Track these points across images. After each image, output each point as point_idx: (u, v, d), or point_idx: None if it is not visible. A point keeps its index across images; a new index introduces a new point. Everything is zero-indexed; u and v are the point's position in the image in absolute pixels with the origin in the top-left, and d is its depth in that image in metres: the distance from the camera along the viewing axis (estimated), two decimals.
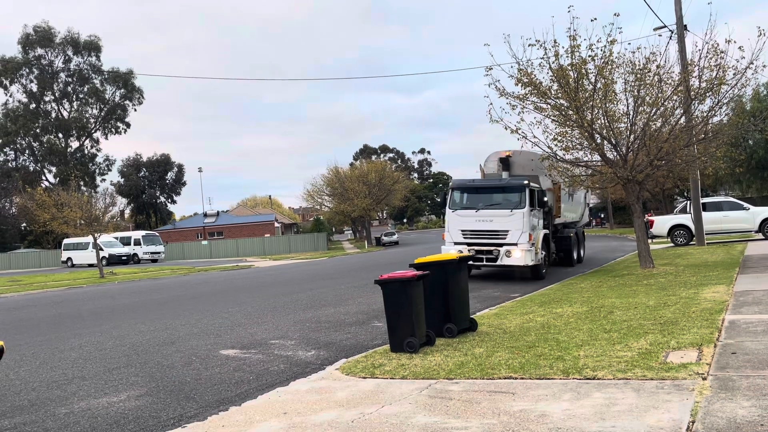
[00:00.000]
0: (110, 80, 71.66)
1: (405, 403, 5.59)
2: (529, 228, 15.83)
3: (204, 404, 6.26)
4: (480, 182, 17.69)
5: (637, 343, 7.13)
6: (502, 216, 16.05)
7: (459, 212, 16.83)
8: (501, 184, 17.00)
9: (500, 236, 16.04)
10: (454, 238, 16.72)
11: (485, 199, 16.83)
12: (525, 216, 15.84)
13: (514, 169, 18.14)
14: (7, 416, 6.15)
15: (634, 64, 14.33)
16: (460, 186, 17.53)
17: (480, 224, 16.34)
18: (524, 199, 15.99)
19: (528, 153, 17.56)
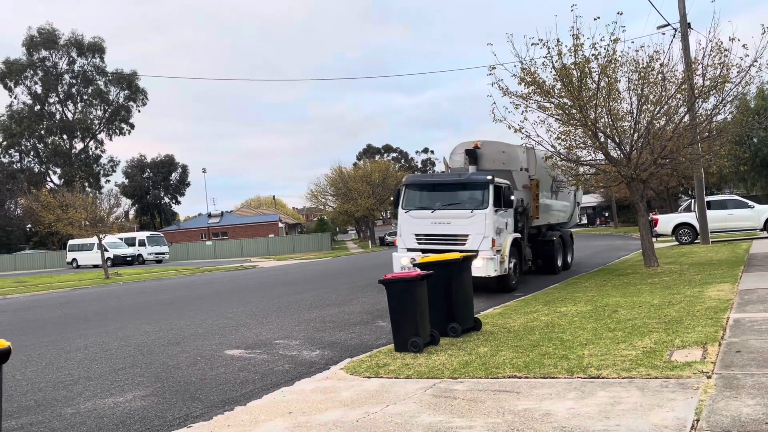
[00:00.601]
0: (114, 81, 71.85)
1: (409, 402, 5.60)
2: (492, 232, 13.57)
3: (209, 404, 6.29)
4: (437, 178, 15.68)
5: (641, 341, 7.13)
6: (461, 218, 13.83)
7: (413, 213, 14.48)
8: (461, 180, 14.60)
9: (459, 241, 13.61)
10: (406, 243, 14.47)
11: (443, 198, 14.54)
12: (488, 218, 13.56)
13: (482, 162, 15.69)
14: (14, 416, 6.18)
15: (638, 62, 14.30)
16: (414, 182, 15.26)
17: (436, 227, 14.10)
18: (487, 198, 13.70)
19: (499, 144, 15.93)
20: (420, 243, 14.27)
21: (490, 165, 15.58)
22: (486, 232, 13.52)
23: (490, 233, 13.53)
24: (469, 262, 9.46)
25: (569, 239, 19.92)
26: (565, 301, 11.14)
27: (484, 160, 15.74)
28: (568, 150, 15.31)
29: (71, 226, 31.20)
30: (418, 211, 14.46)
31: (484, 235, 13.51)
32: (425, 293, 8.02)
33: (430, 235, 14.16)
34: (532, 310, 10.45)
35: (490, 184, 13.83)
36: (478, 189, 13.99)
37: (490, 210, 13.62)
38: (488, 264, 13.46)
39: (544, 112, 14.77)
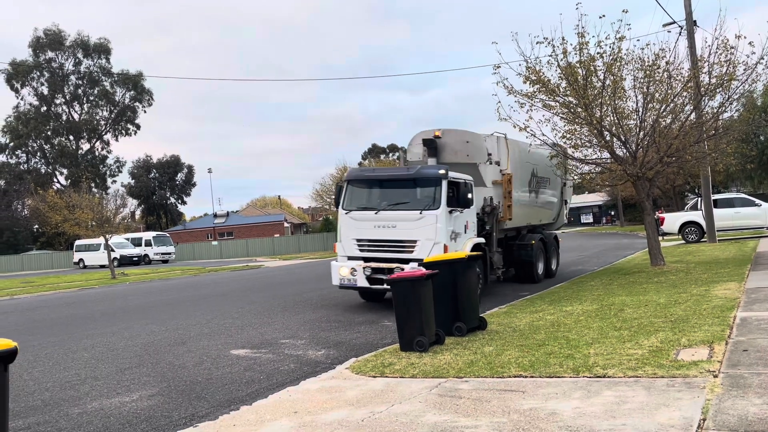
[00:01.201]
0: (120, 82, 72.07)
1: (415, 401, 5.60)
2: (445, 237, 11.41)
3: (215, 404, 6.31)
4: (383, 172, 13.13)
5: (647, 340, 7.11)
6: (408, 220, 11.62)
7: (354, 214, 12.23)
8: (409, 174, 12.29)
9: (405, 249, 11.59)
10: (347, 249, 12.26)
11: (389, 196, 12.36)
12: (439, 220, 11.40)
13: (444, 154, 13.69)
14: (21, 416, 6.22)
15: (643, 60, 14.24)
16: (357, 177, 12.99)
17: (380, 231, 11.83)
18: (440, 196, 11.55)
19: (463, 133, 13.91)
20: (362, 250, 12.03)
21: (452, 157, 13.60)
22: (437, 238, 11.33)
23: (442, 238, 11.34)
24: (475, 261, 9.45)
25: (553, 242, 17.50)
26: (570, 300, 11.12)
27: (446, 151, 13.74)
28: (574, 149, 15.23)
29: (78, 227, 31.33)
30: (360, 212, 12.23)
31: (435, 240, 11.32)
32: (430, 292, 8.03)
33: (374, 241, 11.92)
34: (538, 309, 10.43)
35: (443, 180, 11.67)
36: (429, 185, 11.85)
37: (442, 211, 11.46)
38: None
39: (550, 110, 14.73)
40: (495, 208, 13.63)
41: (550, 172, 16.65)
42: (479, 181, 13.41)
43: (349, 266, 12.05)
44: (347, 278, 12.04)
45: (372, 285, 11.91)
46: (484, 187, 13.63)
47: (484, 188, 13.63)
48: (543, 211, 17.12)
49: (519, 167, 14.65)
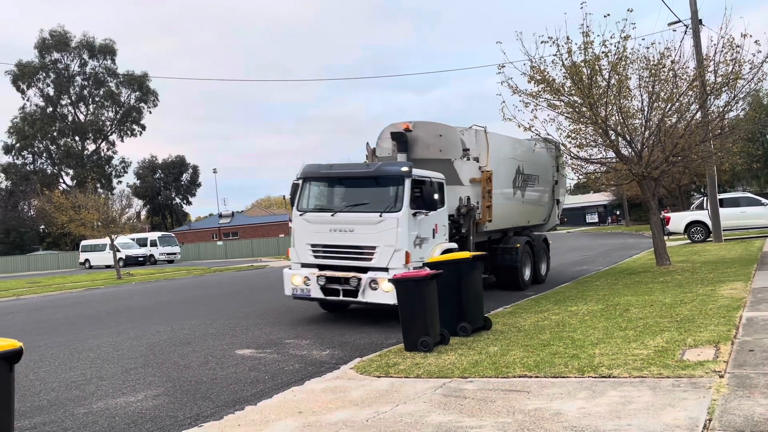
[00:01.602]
0: (125, 83, 72.27)
1: (419, 401, 5.60)
2: (407, 243, 10.10)
3: (220, 403, 6.32)
4: (339, 169, 11.36)
5: (653, 340, 7.09)
6: (366, 223, 10.34)
7: (309, 216, 10.97)
8: (369, 172, 11.00)
9: (363, 256, 10.34)
10: (301, 255, 10.99)
11: (347, 196, 11.23)
12: (401, 223, 10.10)
13: (415, 149, 12.49)
14: (27, 416, 6.24)
15: (649, 59, 14.20)
16: (312, 175, 11.41)
17: (336, 236, 10.59)
18: (402, 197, 10.28)
19: (436, 126, 12.72)
20: (317, 256, 10.80)
21: (424, 152, 12.47)
22: (398, 244, 10.06)
23: (404, 245, 10.07)
24: (480, 261, 9.40)
25: (542, 245, 16.11)
26: (576, 300, 11.09)
27: (418, 146, 12.56)
28: (579, 148, 15.17)
29: (84, 227, 31.41)
30: (316, 213, 10.97)
31: (396, 247, 10.05)
32: (435, 292, 8.02)
33: (329, 247, 10.68)
34: (543, 309, 10.41)
35: (405, 178, 10.38)
36: (391, 184, 10.59)
37: (404, 213, 10.16)
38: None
39: (554, 110, 14.70)
40: (472, 209, 12.41)
41: (539, 169, 15.80)
42: (454, 179, 12.35)
43: (302, 274, 10.80)
44: (300, 288, 10.86)
45: (327, 296, 10.64)
46: (461, 185, 12.49)
47: (461, 187, 12.49)
48: (531, 212, 15.89)
49: (501, 164, 13.57)
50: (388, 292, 9.78)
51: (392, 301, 9.28)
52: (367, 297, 10.18)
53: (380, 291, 10.02)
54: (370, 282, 10.10)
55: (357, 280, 10.19)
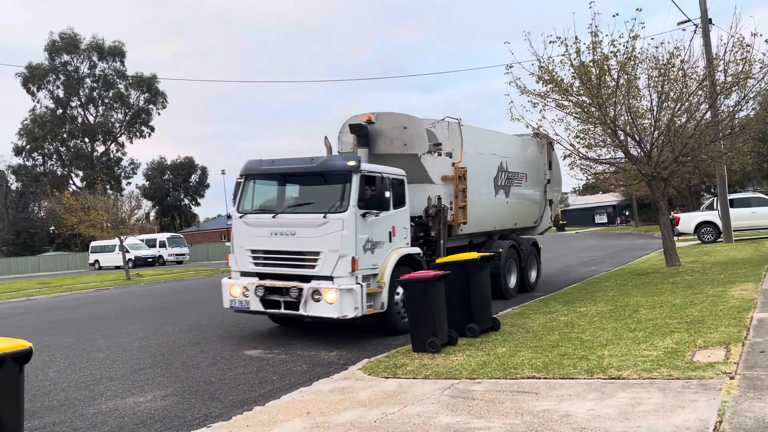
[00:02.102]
0: (134, 85, 72.62)
1: (427, 403, 5.59)
2: (354, 247, 8.94)
3: (228, 404, 6.34)
4: (281, 164, 10.07)
5: (662, 342, 7.04)
6: (309, 226, 9.19)
7: (249, 218, 9.87)
8: (311, 167, 9.65)
9: (306, 263, 9.20)
10: (240, 263, 9.89)
11: (291, 195, 10.31)
12: (346, 225, 8.94)
13: (378, 143, 11.35)
14: (37, 416, 6.28)
15: (658, 59, 14.12)
16: (252, 171, 10.28)
17: (277, 240, 9.45)
18: (349, 195, 9.10)
19: (400, 117, 11.48)
20: (257, 264, 9.68)
21: (387, 147, 11.32)
22: (342, 249, 8.89)
23: (350, 250, 8.90)
24: (488, 261, 9.36)
25: (531, 250, 14.66)
26: (584, 301, 11.04)
27: (381, 140, 11.36)
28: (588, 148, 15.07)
29: (93, 228, 31.58)
30: (256, 215, 9.88)
31: (341, 252, 8.88)
32: (443, 293, 8.01)
33: (270, 253, 9.55)
34: (552, 310, 10.37)
35: (353, 173, 9.20)
36: (337, 181, 9.38)
37: (350, 214, 8.98)
38: (345, 299, 8.72)
39: (563, 110, 14.65)
40: (441, 210, 11.17)
41: (528, 166, 14.75)
42: (423, 176, 11.29)
43: (241, 284, 9.66)
44: (239, 300, 9.70)
45: (267, 309, 9.47)
46: (431, 183, 11.41)
47: (431, 185, 11.41)
48: (518, 213, 14.58)
49: (478, 159, 12.28)
50: (332, 303, 8.73)
51: (336, 314, 8.72)
52: (309, 309, 8.96)
53: (323, 303, 8.81)
54: (312, 292, 8.89)
55: (297, 290, 8.99)
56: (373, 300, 9.21)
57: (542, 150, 15.55)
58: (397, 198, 10.03)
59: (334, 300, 8.73)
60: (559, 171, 16.40)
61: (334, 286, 8.79)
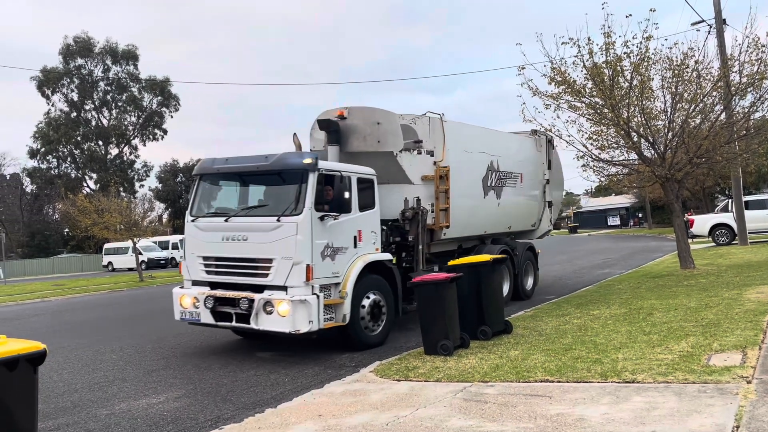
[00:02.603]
0: (147, 88, 73.15)
1: (440, 406, 5.56)
2: (308, 254, 8.15)
3: (240, 406, 6.34)
4: (234, 163, 9.25)
5: (678, 345, 6.97)
6: (262, 230, 8.44)
7: (201, 222, 9.15)
8: (265, 165, 8.79)
9: (258, 271, 8.45)
10: (192, 271, 9.17)
11: (245, 197, 9.54)
12: (301, 229, 8.15)
13: (351, 140, 10.45)
14: (50, 417, 6.32)
15: (672, 60, 14.01)
16: (205, 171, 9.55)
17: (229, 246, 8.72)
18: (305, 196, 8.30)
19: (373, 112, 10.51)
20: (209, 272, 8.96)
21: (360, 144, 10.44)
22: (297, 255, 8.09)
23: (304, 256, 8.10)
24: (501, 264, 9.29)
25: (527, 255, 13.73)
26: (598, 304, 10.96)
27: (354, 137, 10.46)
28: (601, 150, 14.97)
29: (107, 230, 31.82)
30: (209, 219, 9.13)
31: (294, 260, 8.09)
32: (455, 295, 7.98)
33: (221, 260, 8.82)
34: (565, 312, 10.30)
35: (309, 172, 8.39)
36: (293, 180, 8.61)
37: (305, 216, 8.19)
38: (298, 311, 7.94)
39: (575, 111, 14.58)
40: (419, 213, 10.27)
41: (523, 165, 13.73)
42: (400, 176, 10.44)
43: (192, 294, 8.94)
44: (189, 311, 9.00)
45: (218, 321, 8.68)
46: (409, 184, 10.53)
47: (410, 186, 10.54)
48: (512, 216, 13.50)
49: (464, 158, 11.44)
50: (285, 316, 7.94)
51: (289, 328, 7.95)
52: (261, 323, 8.16)
53: (276, 315, 8.01)
54: (264, 304, 8.11)
55: (248, 301, 8.22)
56: (334, 312, 8.42)
57: (540, 148, 14.60)
58: (364, 199, 9.25)
59: (287, 312, 7.96)
60: (560, 170, 15.54)
61: (287, 297, 7.99)
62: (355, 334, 8.77)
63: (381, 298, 9.20)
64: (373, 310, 9.03)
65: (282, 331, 8.09)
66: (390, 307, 9.35)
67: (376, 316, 9.11)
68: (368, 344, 8.91)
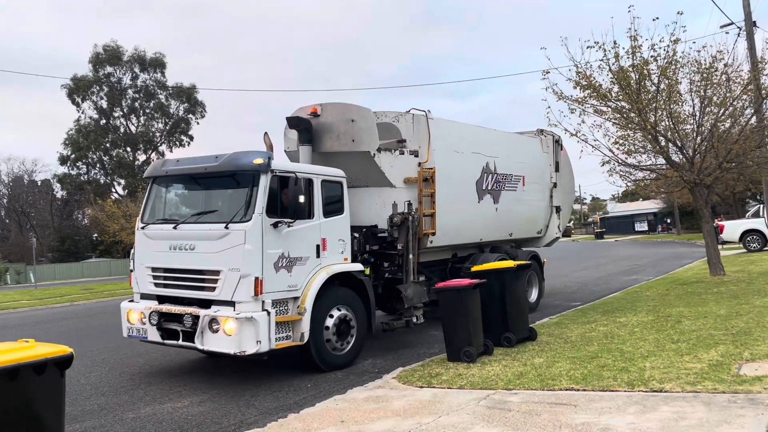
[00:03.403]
0: (174, 95, 74.23)
1: (462, 413, 5.51)
2: (258, 265, 7.29)
3: (263, 411, 6.37)
4: (184, 165, 8.41)
5: (707, 354, 6.82)
6: (209, 239, 7.60)
7: (150, 230, 8.42)
8: (213, 167, 7.94)
9: (205, 284, 7.60)
10: (141, 283, 8.43)
11: (196, 201, 8.70)
12: (250, 237, 7.32)
13: (324, 139, 9.59)
14: (78, 420, 6.41)
15: (700, 63, 13.80)
16: (155, 174, 8.80)
17: (175, 256, 7.92)
18: (256, 200, 7.49)
19: (347, 109, 9.64)
20: (157, 284, 8.18)
21: (334, 144, 9.56)
22: (244, 267, 7.26)
23: (252, 268, 7.26)
24: (525, 270, 9.20)
25: (533, 266, 12.39)
26: (625, 311, 10.79)
27: (328, 136, 9.58)
28: (627, 154, 14.76)
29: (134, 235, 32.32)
30: (158, 226, 8.36)
31: (242, 272, 7.25)
32: (478, 302, 7.93)
33: (169, 272, 8.03)
34: (590, 319, 10.16)
35: (261, 174, 7.58)
36: (244, 183, 7.79)
37: (254, 223, 7.37)
38: (243, 330, 7.10)
39: (601, 116, 14.42)
40: (408, 219, 9.38)
41: (525, 167, 12.68)
42: (378, 179, 9.65)
43: (139, 309, 8.21)
44: (136, 327, 8.26)
45: (165, 339, 7.87)
46: (390, 187, 9.73)
47: (391, 189, 9.73)
48: (513, 222, 12.46)
49: (454, 159, 10.58)
50: (231, 336, 7.11)
51: (234, 349, 7.10)
52: (207, 342, 7.32)
53: (221, 334, 7.19)
54: (209, 321, 7.30)
55: (192, 318, 7.44)
56: (291, 329, 7.59)
57: (547, 149, 13.68)
58: (330, 204, 8.39)
59: (233, 331, 7.13)
60: (569, 173, 14.60)
61: (233, 314, 7.16)
62: (317, 354, 7.85)
63: (350, 313, 8.32)
64: (340, 327, 8.14)
65: (227, 352, 7.21)
66: (361, 324, 8.46)
67: (344, 333, 8.20)
68: (333, 365, 8.02)
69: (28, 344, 4.27)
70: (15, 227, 71.13)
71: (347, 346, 8.28)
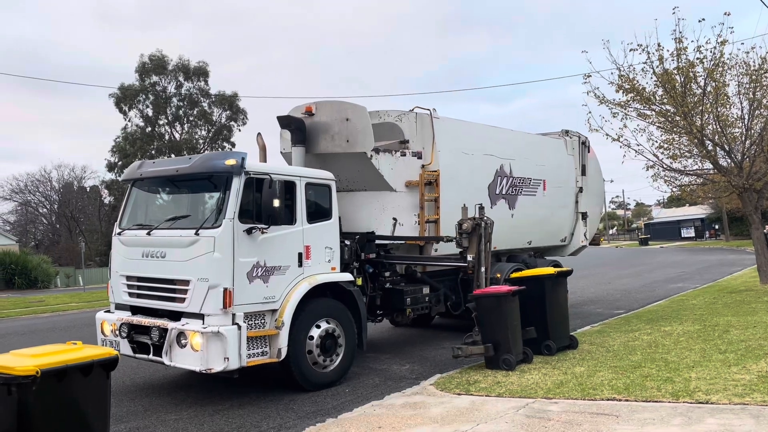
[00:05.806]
0: (217, 103, 75.74)
1: (501, 422, 5.45)
2: (229, 275, 6.76)
3: (302, 415, 6.42)
4: (159, 167, 8.03)
5: (756, 365, 6.60)
6: (179, 246, 7.11)
7: (126, 236, 7.91)
8: (185, 169, 7.44)
9: (175, 294, 7.09)
10: (116, 293, 7.95)
11: (169, 206, 8.30)
12: (220, 245, 6.81)
13: (318, 140, 8.94)
14: (123, 420, 6.58)
15: (749, 64, 13.43)
16: (131, 177, 8.28)
17: (147, 264, 7.47)
18: (228, 203, 6.96)
19: (342, 107, 8.96)
20: (131, 294, 7.69)
21: (328, 144, 8.90)
22: (213, 277, 6.76)
23: (222, 278, 6.74)
24: (565, 276, 9.07)
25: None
26: (669, 320, 10.53)
27: (321, 136, 8.94)
28: (673, 159, 14.41)
29: None
30: (133, 232, 7.84)
31: (210, 282, 6.74)
32: (517, 309, 7.85)
33: (142, 280, 7.55)
34: (634, 328, 9.94)
35: (233, 176, 7.06)
36: (216, 186, 7.37)
37: (224, 229, 6.84)
38: (210, 345, 6.57)
39: (645, 119, 14.15)
40: (481, 225, 8.65)
41: (546, 171, 11.87)
42: (377, 182, 9.00)
43: (112, 320, 7.71)
44: (110, 339, 7.73)
45: (137, 353, 7.38)
46: (390, 191, 9.09)
47: (390, 194, 9.10)
48: (532, 229, 11.70)
49: (462, 161, 9.99)
50: (198, 351, 6.59)
51: (199, 366, 6.59)
52: (174, 358, 6.84)
53: (189, 349, 6.70)
54: (177, 335, 6.81)
55: (159, 331, 6.99)
56: (268, 345, 7.02)
57: (572, 151, 12.71)
58: (315, 208, 7.81)
59: (200, 346, 6.60)
60: (598, 177, 13.71)
61: (200, 328, 6.63)
62: (298, 371, 7.27)
63: (337, 327, 7.69)
64: (325, 342, 7.52)
65: (193, 368, 6.74)
66: (350, 339, 7.82)
67: (329, 349, 7.57)
68: (316, 384, 7.42)
69: (75, 346, 4.42)
70: (65, 232, 73.52)
71: (333, 363, 7.65)
